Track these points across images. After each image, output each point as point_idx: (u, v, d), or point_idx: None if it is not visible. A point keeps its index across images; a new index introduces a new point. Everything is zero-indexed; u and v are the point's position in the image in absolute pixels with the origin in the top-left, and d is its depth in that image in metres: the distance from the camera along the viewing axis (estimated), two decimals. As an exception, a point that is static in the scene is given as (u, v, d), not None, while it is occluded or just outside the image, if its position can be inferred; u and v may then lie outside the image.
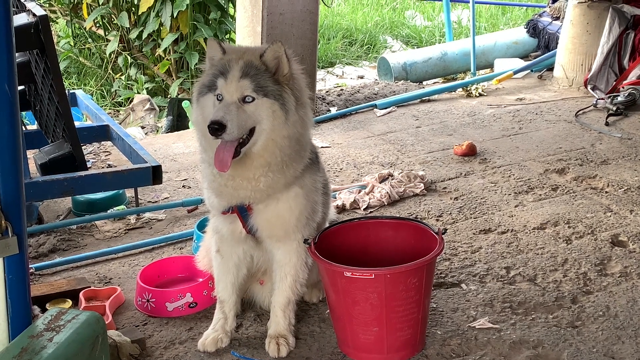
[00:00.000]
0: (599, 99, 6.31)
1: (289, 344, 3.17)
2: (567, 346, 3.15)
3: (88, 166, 4.70)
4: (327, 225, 3.49)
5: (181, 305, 3.48)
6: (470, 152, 5.34)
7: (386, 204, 4.61)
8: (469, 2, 8.10)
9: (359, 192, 4.72)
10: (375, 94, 7.17)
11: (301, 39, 6.05)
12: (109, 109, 8.04)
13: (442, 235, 3.13)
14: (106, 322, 3.18)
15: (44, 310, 3.41)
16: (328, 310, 3.30)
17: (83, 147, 5.45)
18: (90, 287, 3.61)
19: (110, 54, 8.49)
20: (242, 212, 3.06)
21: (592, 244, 4.03)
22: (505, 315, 3.39)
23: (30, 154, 4.37)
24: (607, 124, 5.89)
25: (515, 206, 4.54)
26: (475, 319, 3.36)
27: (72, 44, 9.05)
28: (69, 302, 3.52)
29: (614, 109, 6.02)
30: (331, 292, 3.09)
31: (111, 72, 8.58)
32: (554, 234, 4.17)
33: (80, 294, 3.51)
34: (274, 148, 2.92)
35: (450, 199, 4.69)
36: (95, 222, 4.50)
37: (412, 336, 3.08)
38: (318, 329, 3.32)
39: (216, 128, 2.79)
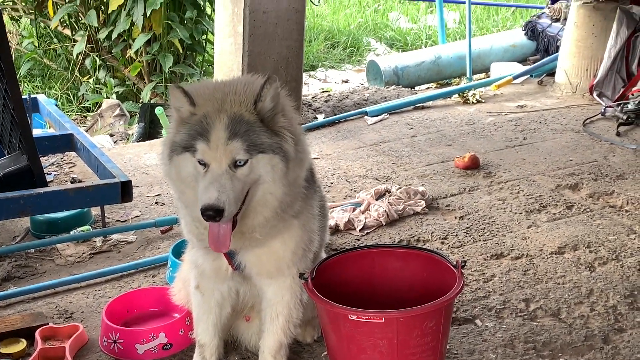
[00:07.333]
0: (607, 106, 5.94)
1: (281, 397, 2.79)
2: (605, 399, 2.74)
3: (48, 181, 4.28)
4: (323, 251, 3.12)
5: (154, 347, 3.08)
6: (473, 165, 4.91)
7: (384, 224, 4.17)
8: (465, 2, 7.65)
9: (354, 211, 4.26)
10: (365, 100, 6.76)
11: (286, 40, 5.58)
12: (76, 114, 7.58)
13: (462, 269, 2.69)
14: (65, 368, 2.80)
15: (-7, 352, 3.11)
16: (325, 353, 2.95)
17: (45, 159, 5.08)
18: (48, 324, 3.26)
19: (77, 55, 8.02)
20: (229, 252, 2.63)
21: (618, 271, 3.64)
22: (530, 358, 3.01)
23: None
24: (618, 134, 5.52)
25: (528, 227, 4.12)
26: (496, 363, 2.98)
27: (37, 44, 8.59)
28: (24, 343, 3.17)
29: (625, 117, 5.65)
30: (332, 336, 2.73)
31: (78, 75, 8.12)
32: (575, 259, 3.76)
33: (37, 333, 3.16)
34: (273, 202, 2.49)
35: (455, 218, 4.25)
36: (56, 245, 4.07)
37: (426, 388, 2.64)
38: (314, 376, 2.94)
39: (212, 215, 2.29)
